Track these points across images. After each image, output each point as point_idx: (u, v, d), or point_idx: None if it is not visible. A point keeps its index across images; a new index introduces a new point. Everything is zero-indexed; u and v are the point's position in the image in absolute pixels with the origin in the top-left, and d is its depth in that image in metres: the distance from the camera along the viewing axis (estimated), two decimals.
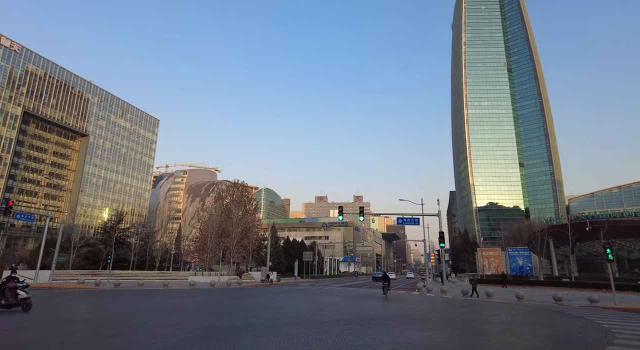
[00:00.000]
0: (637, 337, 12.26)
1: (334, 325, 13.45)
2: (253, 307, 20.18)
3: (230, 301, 23.64)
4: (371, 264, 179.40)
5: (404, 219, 41.54)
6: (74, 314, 16.61)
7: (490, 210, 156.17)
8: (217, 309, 18.98)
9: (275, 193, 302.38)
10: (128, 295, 26.84)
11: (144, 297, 25.18)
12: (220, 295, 28.81)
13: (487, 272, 71.87)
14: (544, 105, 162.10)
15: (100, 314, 16.65)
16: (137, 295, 26.99)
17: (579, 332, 13.30)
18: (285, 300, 24.99)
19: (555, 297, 25.52)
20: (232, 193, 71.27)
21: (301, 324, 13.66)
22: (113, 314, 16.61)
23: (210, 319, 14.90)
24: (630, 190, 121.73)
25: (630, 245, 64.82)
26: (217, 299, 24.99)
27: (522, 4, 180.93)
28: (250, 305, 20.92)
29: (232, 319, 15.10)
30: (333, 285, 48.97)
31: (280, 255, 74.54)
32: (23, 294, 15.25)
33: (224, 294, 30.10)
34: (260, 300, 24.08)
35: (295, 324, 13.64)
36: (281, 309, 18.95)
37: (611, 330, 13.44)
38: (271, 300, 24.74)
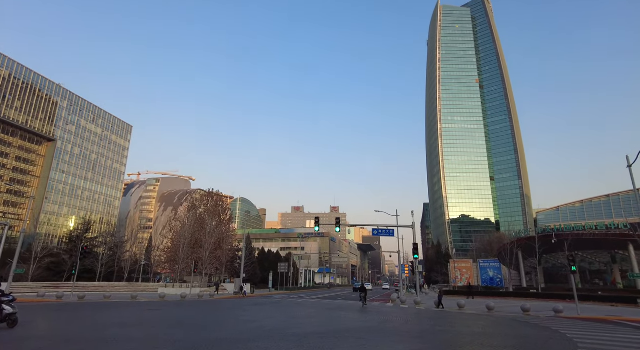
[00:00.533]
0: (597, 346, 12.81)
1: (309, 339, 13.31)
2: (226, 320, 19.71)
3: (201, 314, 22.97)
4: (346, 275, 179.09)
5: (379, 230, 41.88)
6: (29, 330, 15.37)
7: (463, 222, 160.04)
8: (188, 323, 18.38)
9: (251, 203, 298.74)
10: (93, 308, 25.60)
11: (110, 311, 24.10)
12: (192, 307, 27.97)
13: (460, 283, 73.15)
14: (513, 121, 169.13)
15: (61, 330, 15.77)
16: (102, 308, 25.80)
17: (545, 343, 13.76)
18: (259, 313, 24.54)
19: (524, 308, 26.28)
20: (206, 202, 69.86)
21: (275, 338, 13.43)
22: (75, 329, 15.77)
23: (180, 333, 14.41)
24: (591, 204, 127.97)
25: (591, 257, 67.94)
26: (188, 312, 24.24)
27: (493, 24, 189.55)
28: (222, 319, 20.42)
29: (204, 332, 14.66)
30: (308, 297, 48.52)
31: (255, 266, 73.36)
32: (8, 309, 14.02)
33: (196, 306, 29.24)
34: (233, 313, 23.55)
35: (269, 338, 13.41)
36: (255, 322, 18.58)
37: (574, 340, 13.96)
38: (244, 313, 24.23)
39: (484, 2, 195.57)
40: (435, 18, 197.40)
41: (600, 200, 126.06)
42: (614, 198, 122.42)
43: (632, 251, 53.11)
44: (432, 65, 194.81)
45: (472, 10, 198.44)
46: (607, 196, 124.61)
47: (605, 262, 65.90)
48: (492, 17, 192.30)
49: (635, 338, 15.15)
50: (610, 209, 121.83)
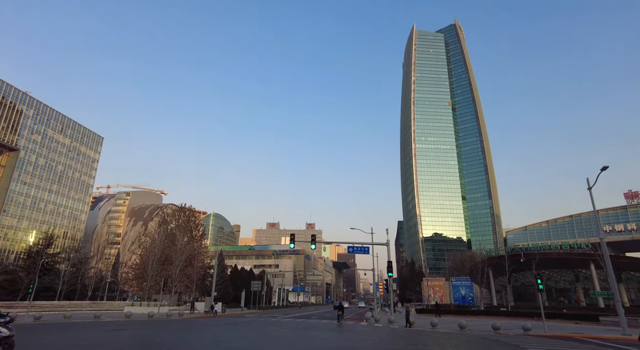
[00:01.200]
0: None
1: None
2: (194, 340, 18.92)
3: (169, 334, 21.97)
4: (321, 294, 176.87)
5: (354, 248, 41.93)
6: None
7: (436, 240, 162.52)
8: (155, 344, 17.51)
9: (224, 219, 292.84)
10: (49, 330, 23.96)
11: (68, 332, 22.64)
12: (159, 327, 26.72)
13: (432, 301, 73.71)
14: (484, 143, 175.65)
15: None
16: (59, 330, 24.20)
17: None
18: (230, 332, 23.73)
19: (494, 326, 26.69)
20: (178, 217, 67.92)
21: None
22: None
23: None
24: (556, 224, 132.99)
25: (556, 276, 70.31)
26: (154, 332, 23.13)
27: (465, 50, 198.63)
28: (191, 339, 19.58)
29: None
30: (281, 317, 47.45)
31: (227, 284, 71.34)
32: (4, 331, 12.46)
33: (164, 326, 27.96)
34: (202, 333, 22.66)
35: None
36: (225, 343, 17.95)
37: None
38: (215, 333, 23.38)
39: (457, 28, 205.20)
40: (411, 42, 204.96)
41: (565, 221, 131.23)
42: (577, 218, 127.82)
43: (593, 270, 55.38)
44: (407, 87, 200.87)
45: (445, 36, 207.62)
46: (571, 216, 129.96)
47: (570, 280, 68.29)
48: (464, 43, 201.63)
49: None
50: (574, 229, 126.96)
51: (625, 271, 59.25)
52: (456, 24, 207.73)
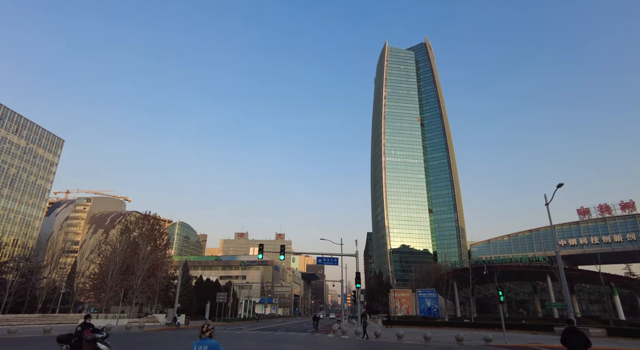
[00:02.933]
0: None
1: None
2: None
3: (126, 349, 20.88)
4: (289, 306, 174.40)
5: (323, 259, 41.86)
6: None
7: (403, 252, 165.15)
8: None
9: (191, 228, 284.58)
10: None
11: (9, 347, 21.02)
12: (116, 341, 25.31)
13: (399, 313, 74.50)
14: (450, 158, 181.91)
15: None
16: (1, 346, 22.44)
17: None
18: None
19: (458, 338, 27.29)
20: (141, 225, 65.31)
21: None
22: None
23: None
24: (517, 238, 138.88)
25: (516, 288, 73.13)
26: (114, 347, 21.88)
27: (434, 68, 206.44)
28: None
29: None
30: (247, 329, 46.32)
31: (191, 295, 68.96)
32: (104, 348, 11.88)
33: (121, 339, 26.51)
34: (163, 347, 21.71)
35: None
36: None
37: None
38: (176, 346, 22.46)
39: (427, 47, 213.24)
40: (383, 58, 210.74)
41: (525, 235, 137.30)
42: (536, 233, 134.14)
43: (549, 282, 58.07)
44: (378, 101, 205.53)
45: (416, 53, 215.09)
46: (530, 231, 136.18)
47: (529, 292, 71.19)
48: (433, 61, 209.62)
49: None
50: (533, 243, 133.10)
51: (578, 283, 62.53)
52: (426, 42, 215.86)
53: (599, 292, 58.29)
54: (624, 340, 32.50)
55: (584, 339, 11.71)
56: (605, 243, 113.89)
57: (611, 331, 36.77)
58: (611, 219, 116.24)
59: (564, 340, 12.21)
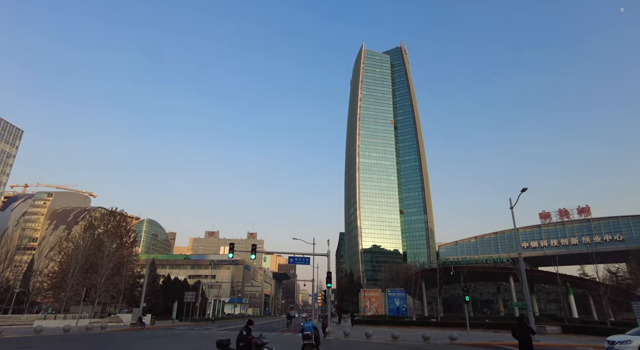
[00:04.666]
0: None
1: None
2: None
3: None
4: (259, 306, 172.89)
5: (295, 258, 41.79)
6: None
7: (374, 252, 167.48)
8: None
9: (159, 225, 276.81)
10: None
11: None
12: (75, 344, 24.25)
13: (369, 312, 75.45)
14: (421, 161, 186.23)
15: None
16: None
17: None
18: (158, 347, 22.28)
19: (424, 337, 28.00)
20: (107, 222, 62.86)
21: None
22: None
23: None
24: (483, 240, 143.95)
25: (481, 288, 75.71)
26: (68, 349, 20.96)
27: (409, 72, 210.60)
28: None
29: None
30: (215, 329, 45.56)
31: (158, 295, 67.06)
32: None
33: (80, 342, 25.42)
34: (126, 348, 21.01)
35: None
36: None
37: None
38: (140, 347, 21.79)
39: (402, 51, 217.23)
40: (359, 60, 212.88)
41: (491, 237, 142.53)
42: (501, 235, 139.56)
43: (512, 283, 60.56)
44: (353, 103, 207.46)
45: (391, 57, 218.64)
46: (496, 233, 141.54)
47: (492, 292, 73.86)
48: (408, 65, 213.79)
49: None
50: (498, 244, 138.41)
51: (537, 283, 65.49)
52: (402, 47, 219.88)
53: (556, 292, 61.26)
54: (576, 337, 34.47)
55: (529, 330, 14.49)
56: (563, 245, 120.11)
57: (565, 328, 38.89)
58: (569, 222, 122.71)
59: (514, 334, 14.77)
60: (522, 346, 14.41)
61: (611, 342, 20.30)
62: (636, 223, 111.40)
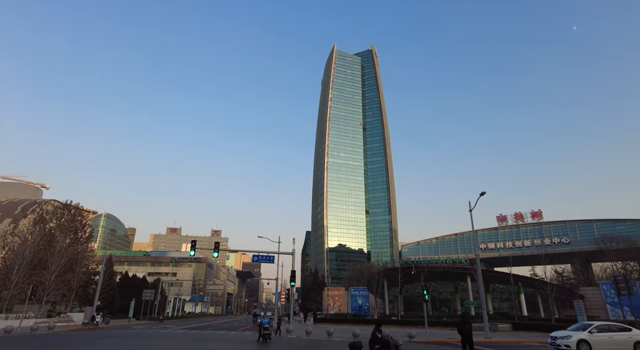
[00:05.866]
0: None
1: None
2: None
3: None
4: (221, 304, 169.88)
5: (259, 257, 41.39)
6: None
7: (340, 251, 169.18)
8: None
9: (118, 220, 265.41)
10: None
11: None
12: (15, 346, 22.72)
13: (332, 310, 76.13)
14: (388, 162, 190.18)
15: None
16: None
17: None
18: (112, 347, 21.32)
19: None
20: (60, 216, 59.27)
21: None
22: None
23: None
24: (444, 240, 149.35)
25: (440, 287, 78.43)
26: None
27: (379, 75, 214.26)
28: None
29: None
30: (174, 328, 44.27)
31: (114, 293, 64.24)
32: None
33: (23, 343, 23.84)
34: (77, 349, 19.94)
35: None
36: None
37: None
38: (85, 347, 20.76)
39: (373, 54, 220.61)
40: (331, 60, 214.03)
41: (451, 238, 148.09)
42: (460, 236, 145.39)
43: (469, 282, 63.15)
44: (324, 103, 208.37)
45: (362, 59, 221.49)
46: (456, 234, 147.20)
47: (451, 291, 76.73)
48: (378, 68, 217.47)
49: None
50: (457, 245, 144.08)
51: (492, 283, 68.77)
52: (373, 49, 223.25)
53: (509, 291, 64.60)
54: (525, 333, 36.58)
55: (471, 325, 16.57)
56: (517, 247, 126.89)
57: (515, 326, 41.14)
58: (523, 226, 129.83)
59: (459, 330, 16.80)
60: (465, 340, 16.30)
61: (554, 337, 21.72)
62: (581, 227, 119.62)
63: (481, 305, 33.72)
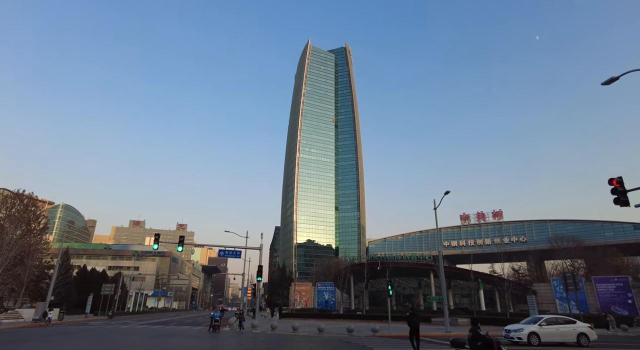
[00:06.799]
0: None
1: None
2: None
3: None
4: (185, 299, 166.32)
5: (226, 252, 40.80)
6: None
7: (308, 247, 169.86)
8: None
9: (77, 212, 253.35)
10: None
11: None
12: None
13: (298, 305, 76.43)
14: (358, 160, 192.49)
15: None
16: None
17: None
18: (65, 344, 20.34)
19: (348, 329, 29.05)
20: (10, 205, 55.61)
21: None
22: None
23: None
24: (409, 237, 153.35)
25: (405, 283, 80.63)
26: None
27: (351, 73, 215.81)
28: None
29: None
30: (134, 323, 42.88)
31: (70, 287, 61.24)
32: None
33: None
34: (23, 347, 18.86)
35: None
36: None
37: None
38: (44, 345, 19.71)
39: (347, 52, 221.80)
40: (305, 56, 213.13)
41: (416, 235, 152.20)
42: (425, 234, 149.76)
43: (432, 279, 65.28)
44: (297, 98, 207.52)
45: (336, 56, 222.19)
46: (421, 232, 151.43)
47: (414, 287, 79.07)
48: (351, 66, 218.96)
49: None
50: (422, 242, 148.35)
51: (454, 279, 71.54)
52: (346, 47, 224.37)
53: (469, 287, 67.45)
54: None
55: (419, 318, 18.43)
56: (479, 245, 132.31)
57: (474, 320, 42.86)
58: (485, 225, 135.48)
59: (408, 322, 18.66)
60: (413, 330, 18.33)
61: (508, 330, 22.96)
62: (537, 227, 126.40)
63: (443, 301, 34.93)
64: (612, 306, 48.84)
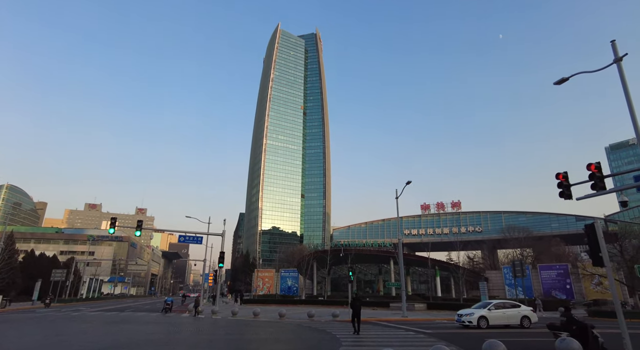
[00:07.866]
0: (355, 342, 15.51)
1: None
2: None
3: None
4: (144, 285, 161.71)
5: (186, 237, 39.77)
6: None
7: (273, 233, 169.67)
8: None
9: (25, 193, 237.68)
10: None
11: None
12: None
13: (261, 292, 76.56)
14: (326, 148, 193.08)
15: None
16: None
17: (319, 343, 15.73)
18: (7, 332, 19.18)
19: (309, 314, 29.48)
20: None
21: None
22: None
23: None
24: (372, 225, 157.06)
25: (366, 269, 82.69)
26: None
27: (321, 60, 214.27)
28: None
29: None
30: (87, 310, 41.22)
31: (15, 273, 57.69)
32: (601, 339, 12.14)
33: None
34: None
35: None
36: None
37: (340, 339, 16.51)
38: None
39: (317, 38, 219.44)
40: (274, 40, 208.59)
41: (379, 223, 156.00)
42: (388, 222, 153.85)
43: (392, 265, 67.37)
44: (265, 82, 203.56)
45: (306, 42, 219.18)
46: (383, 220, 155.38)
47: (375, 273, 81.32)
48: (321, 53, 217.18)
49: (380, 334, 19.12)
50: (385, 230, 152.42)
51: (413, 266, 74.27)
52: (317, 34, 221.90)
53: (427, 274, 70.28)
54: (437, 312, 40.16)
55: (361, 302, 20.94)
56: (437, 234, 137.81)
57: (430, 305, 44.98)
58: (444, 214, 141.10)
59: (350, 306, 20.44)
60: (355, 314, 19.87)
61: (460, 315, 24.24)
62: (492, 217, 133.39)
63: (401, 287, 36.21)
64: (553, 291, 52.83)
